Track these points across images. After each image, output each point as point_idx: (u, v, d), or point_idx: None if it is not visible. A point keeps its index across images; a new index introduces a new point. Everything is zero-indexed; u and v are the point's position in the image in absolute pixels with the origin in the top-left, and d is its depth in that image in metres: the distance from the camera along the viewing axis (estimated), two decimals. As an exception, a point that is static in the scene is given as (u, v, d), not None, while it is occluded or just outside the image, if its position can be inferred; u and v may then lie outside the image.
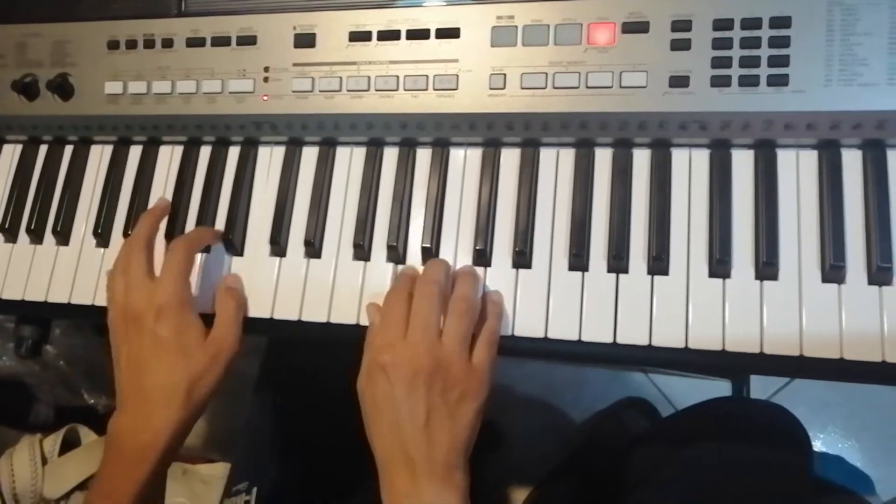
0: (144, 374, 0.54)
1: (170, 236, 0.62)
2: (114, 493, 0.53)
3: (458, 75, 0.56)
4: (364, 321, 0.57)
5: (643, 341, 0.51)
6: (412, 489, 0.48)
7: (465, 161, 0.59)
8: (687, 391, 1.18)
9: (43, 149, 0.68)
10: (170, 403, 0.53)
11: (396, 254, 0.58)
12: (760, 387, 1.14)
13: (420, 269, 0.57)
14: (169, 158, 0.65)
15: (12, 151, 0.69)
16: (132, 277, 0.55)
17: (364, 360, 0.52)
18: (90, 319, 0.62)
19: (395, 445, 0.49)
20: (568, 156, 0.57)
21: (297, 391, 0.79)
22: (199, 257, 0.60)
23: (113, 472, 0.54)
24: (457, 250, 0.57)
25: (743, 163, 0.54)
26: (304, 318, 0.58)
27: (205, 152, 0.64)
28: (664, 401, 1.18)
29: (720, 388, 1.15)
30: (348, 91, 0.58)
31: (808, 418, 0.68)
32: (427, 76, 0.56)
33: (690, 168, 0.54)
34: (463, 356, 0.50)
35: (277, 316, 0.58)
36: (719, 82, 0.51)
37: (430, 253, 0.57)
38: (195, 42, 0.61)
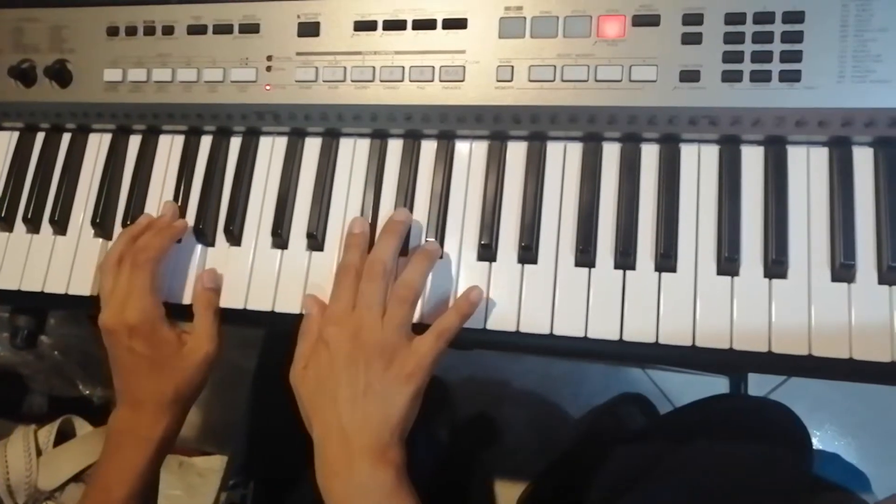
0: (131, 383, 0.57)
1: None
2: (111, 486, 0.56)
3: (464, 67, 0.55)
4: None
5: (650, 339, 0.51)
6: (346, 467, 0.48)
7: (470, 154, 0.58)
8: (684, 387, 1.18)
9: (40, 136, 0.67)
10: (158, 408, 0.56)
11: (400, 247, 0.57)
12: (758, 384, 1.14)
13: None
14: (169, 148, 0.64)
15: (9, 138, 0.68)
16: (116, 293, 0.56)
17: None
18: (87, 310, 0.61)
19: (333, 420, 0.49)
20: (575, 150, 0.56)
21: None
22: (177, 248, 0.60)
23: (110, 466, 0.57)
24: (461, 245, 0.56)
25: (753, 159, 0.53)
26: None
27: (206, 142, 0.63)
28: (661, 396, 1.18)
29: (718, 384, 1.14)
30: (353, 81, 0.57)
31: (805, 415, 0.67)
32: (433, 67, 0.55)
33: (699, 164, 0.54)
34: (402, 340, 0.51)
35: (278, 309, 0.58)
36: (730, 77, 0.51)
37: (434, 247, 0.56)
38: (197, 29, 0.60)
